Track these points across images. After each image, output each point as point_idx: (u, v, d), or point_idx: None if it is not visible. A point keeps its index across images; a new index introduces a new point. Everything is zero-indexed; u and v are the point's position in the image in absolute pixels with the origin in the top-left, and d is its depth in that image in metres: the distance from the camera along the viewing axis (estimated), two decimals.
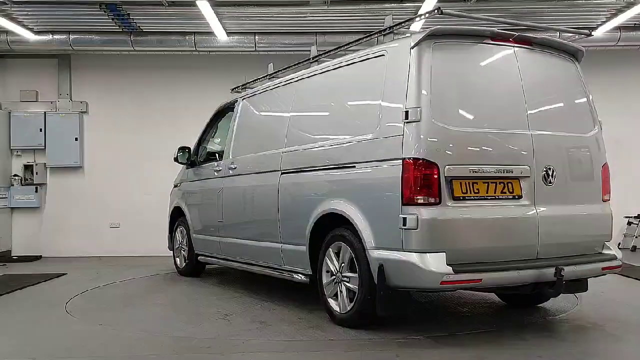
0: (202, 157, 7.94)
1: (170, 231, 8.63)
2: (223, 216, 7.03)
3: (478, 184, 4.58)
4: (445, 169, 4.43)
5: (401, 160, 4.46)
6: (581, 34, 5.92)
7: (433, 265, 4.27)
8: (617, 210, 5.42)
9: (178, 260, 8.46)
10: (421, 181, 4.38)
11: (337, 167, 5.16)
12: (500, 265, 4.52)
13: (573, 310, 5.66)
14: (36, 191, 10.94)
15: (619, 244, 9.71)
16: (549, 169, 4.81)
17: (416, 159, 4.40)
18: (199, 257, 7.82)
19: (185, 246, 8.17)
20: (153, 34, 9.95)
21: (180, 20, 9.36)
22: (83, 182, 11.07)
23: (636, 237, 10.11)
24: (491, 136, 4.69)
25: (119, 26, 9.67)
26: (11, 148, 11.02)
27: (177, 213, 8.37)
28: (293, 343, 4.69)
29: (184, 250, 8.26)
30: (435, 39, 4.63)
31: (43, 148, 10.98)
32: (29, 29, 9.65)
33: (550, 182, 4.81)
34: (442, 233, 4.40)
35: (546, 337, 4.73)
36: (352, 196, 4.93)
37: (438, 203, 4.39)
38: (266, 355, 4.43)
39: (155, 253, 9.90)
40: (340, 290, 5.08)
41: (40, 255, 10.80)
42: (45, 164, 11.02)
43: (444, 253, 4.31)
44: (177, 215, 8.38)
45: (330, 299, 5.21)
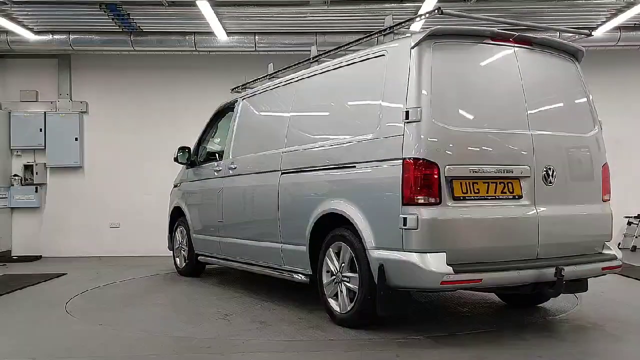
0: (202, 157, 7.93)
1: (170, 231, 8.63)
2: (223, 216, 7.03)
3: (478, 184, 4.58)
4: (445, 169, 4.43)
5: (401, 160, 4.46)
6: (581, 34, 5.92)
7: (433, 265, 4.27)
8: (617, 210, 5.42)
9: (178, 260, 8.45)
10: (421, 181, 4.37)
11: (337, 167, 5.16)
12: (501, 265, 4.52)
13: (573, 310, 5.66)
14: (36, 191, 10.94)
15: (619, 244, 9.71)
16: (549, 169, 4.81)
17: (416, 159, 4.40)
18: (199, 257, 7.82)
19: (185, 246, 8.17)
20: (153, 34, 9.95)
21: (180, 20, 9.36)
22: (83, 182, 11.07)
23: (636, 237, 10.11)
24: (491, 136, 4.69)
25: (119, 26, 9.67)
26: (11, 148, 11.02)
27: (177, 213, 8.37)
28: (293, 343, 4.68)
29: (183, 250, 8.26)
30: (436, 39, 4.63)
31: (43, 148, 10.98)
32: (29, 29, 9.64)
33: (550, 182, 4.81)
34: (443, 233, 4.40)
35: (546, 337, 4.73)
36: (353, 196, 4.93)
37: (438, 203, 4.39)
38: (266, 355, 4.42)
39: (155, 253, 9.90)
40: (341, 290, 5.08)
41: (40, 255, 10.79)
42: (45, 164, 11.02)
43: (444, 253, 4.31)
44: (177, 215, 8.38)
45: (330, 299, 5.21)
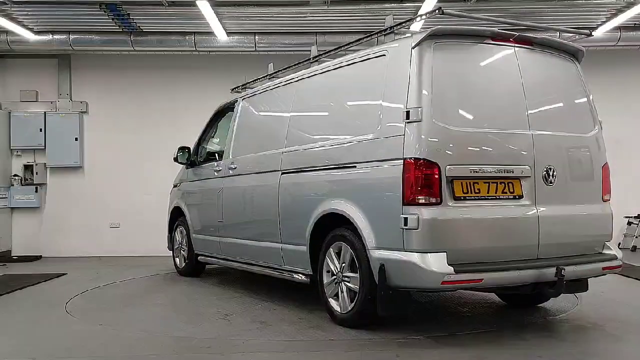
0: (202, 157, 7.93)
1: (170, 231, 8.62)
2: (223, 216, 7.02)
3: (479, 184, 4.58)
4: (446, 169, 4.43)
5: (402, 160, 4.46)
6: (581, 34, 5.92)
7: (434, 265, 4.27)
8: (617, 210, 5.41)
9: (178, 260, 8.45)
10: (422, 181, 4.37)
11: (338, 167, 5.16)
12: (501, 265, 4.52)
13: (573, 310, 5.66)
14: (36, 191, 10.94)
15: (619, 244, 9.70)
16: (550, 168, 4.81)
17: (417, 159, 4.39)
18: (199, 257, 7.81)
19: (185, 246, 8.16)
20: (153, 34, 9.95)
21: (180, 20, 9.36)
22: (83, 182, 11.07)
23: (636, 237, 10.10)
24: (492, 136, 4.69)
25: (119, 26, 9.66)
26: (11, 148, 11.02)
27: (177, 213, 8.36)
28: (293, 343, 4.68)
29: (183, 251, 8.25)
30: (436, 39, 4.63)
31: (43, 148, 10.98)
32: (29, 29, 9.64)
33: (550, 182, 4.81)
34: (443, 233, 4.40)
35: (546, 337, 4.73)
36: (353, 196, 4.93)
37: (439, 203, 4.39)
38: (266, 355, 4.42)
39: (155, 253, 9.90)
40: (341, 290, 5.08)
41: (40, 255, 10.79)
42: (45, 164, 11.02)
43: (445, 253, 4.31)
44: (177, 215, 8.37)
45: (330, 299, 5.20)
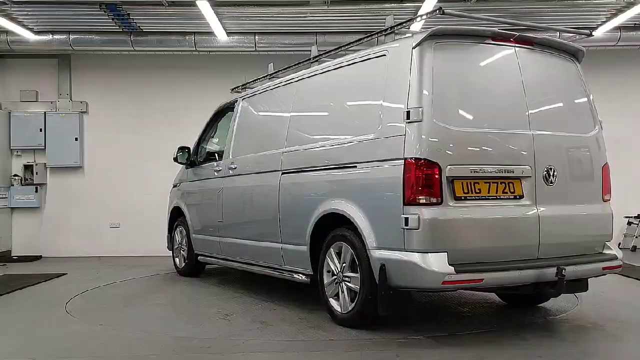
0: (202, 157, 7.92)
1: (170, 231, 8.62)
2: (223, 216, 7.02)
3: (479, 184, 4.58)
4: (446, 169, 4.43)
5: (403, 160, 4.46)
6: (581, 34, 5.92)
7: (435, 265, 4.27)
8: (617, 210, 5.41)
9: (177, 260, 8.44)
10: (423, 181, 4.37)
11: (338, 167, 5.15)
12: (502, 265, 4.52)
13: (573, 310, 5.66)
14: (36, 191, 10.94)
15: (619, 244, 9.71)
16: (550, 169, 4.81)
17: (418, 159, 4.39)
18: (199, 257, 7.81)
19: (185, 246, 8.16)
20: (153, 34, 9.95)
21: (180, 20, 9.36)
22: (83, 182, 11.07)
23: (636, 237, 10.10)
24: (492, 136, 4.69)
25: (119, 26, 9.66)
26: (11, 148, 11.02)
27: (177, 213, 8.36)
28: (294, 343, 4.68)
29: (183, 251, 8.25)
30: (437, 39, 4.63)
31: (43, 148, 10.98)
32: (29, 29, 9.64)
33: (551, 182, 4.81)
34: (444, 233, 4.40)
35: (546, 337, 4.73)
36: (353, 196, 4.93)
37: (440, 203, 4.39)
38: (266, 355, 4.42)
39: (155, 253, 9.90)
40: (342, 290, 5.07)
41: (40, 255, 10.79)
42: (45, 164, 11.02)
43: (446, 253, 4.31)
44: (177, 215, 8.37)
45: (331, 299, 5.20)
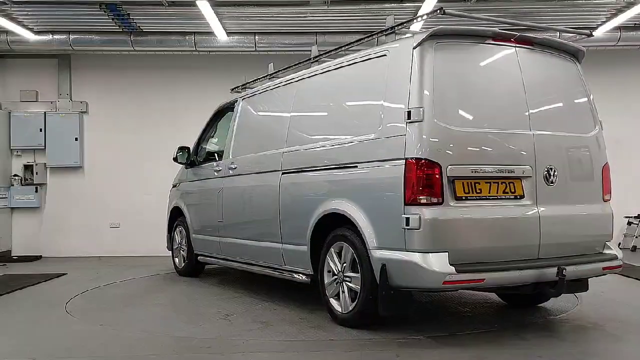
0: (202, 157, 7.92)
1: (169, 231, 8.61)
2: (223, 216, 7.02)
3: (480, 184, 4.58)
4: (447, 169, 4.43)
5: (404, 160, 4.45)
6: (582, 34, 5.92)
7: (436, 265, 4.26)
8: (617, 210, 5.40)
9: (177, 260, 8.44)
10: (424, 181, 4.37)
11: (339, 167, 5.15)
12: (502, 265, 4.52)
13: (573, 310, 5.65)
14: (36, 191, 10.95)
15: (619, 244, 9.72)
16: (551, 169, 4.81)
17: (419, 159, 4.39)
18: (199, 257, 7.81)
19: (185, 246, 8.15)
20: (153, 34, 9.96)
21: (180, 20, 9.37)
22: (83, 182, 11.07)
23: (636, 237, 10.13)
24: (493, 136, 4.69)
25: (119, 26, 9.67)
26: (11, 148, 11.03)
27: (176, 213, 8.35)
28: (294, 343, 4.67)
29: (183, 251, 8.24)
30: (438, 39, 4.62)
31: (43, 148, 10.98)
32: (29, 29, 9.65)
33: (551, 182, 4.81)
34: (445, 233, 4.39)
35: (546, 337, 4.72)
36: (354, 196, 4.92)
37: (440, 203, 4.38)
38: (266, 355, 4.41)
39: (155, 253, 9.90)
40: (342, 290, 5.07)
41: (40, 255, 10.79)
42: (45, 164, 11.02)
43: (447, 253, 4.30)
44: (176, 215, 8.36)
45: (331, 299, 5.20)
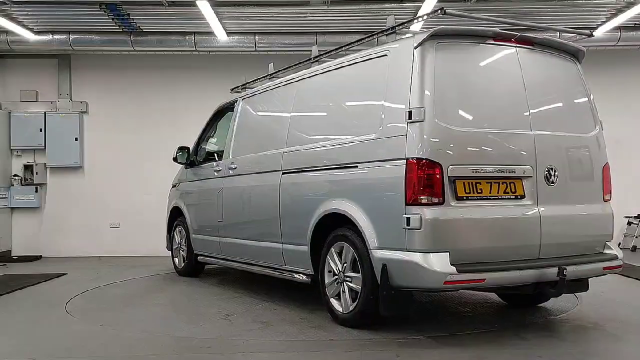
0: (202, 157, 7.92)
1: (169, 231, 8.61)
2: (223, 216, 7.01)
3: (481, 184, 4.57)
4: (448, 169, 4.42)
5: (404, 160, 4.45)
6: (582, 34, 5.92)
7: (436, 265, 4.26)
8: (617, 210, 5.40)
9: (177, 260, 8.43)
10: (425, 181, 4.36)
11: (339, 167, 5.15)
12: (503, 265, 4.52)
13: (573, 310, 5.65)
14: (36, 191, 10.94)
15: (619, 244, 9.72)
16: (551, 169, 4.81)
17: (419, 159, 4.39)
18: (199, 257, 7.80)
19: (184, 246, 8.15)
20: (153, 34, 9.96)
21: (180, 20, 9.37)
22: (83, 182, 11.07)
23: (636, 237, 10.14)
24: (494, 136, 4.69)
25: (119, 26, 9.67)
26: (11, 148, 11.03)
27: (176, 213, 8.35)
28: (294, 343, 4.67)
29: (182, 251, 8.24)
30: (438, 39, 4.62)
31: (43, 148, 10.98)
32: (29, 29, 9.64)
33: (552, 182, 4.81)
34: (446, 233, 4.39)
35: (547, 337, 4.72)
36: (355, 196, 4.92)
37: (441, 203, 4.38)
38: (266, 355, 4.41)
39: (155, 253, 9.90)
40: (343, 290, 5.06)
41: (40, 255, 10.79)
42: (45, 164, 11.02)
43: (448, 253, 4.30)
44: (176, 215, 8.36)
45: (332, 299, 5.20)
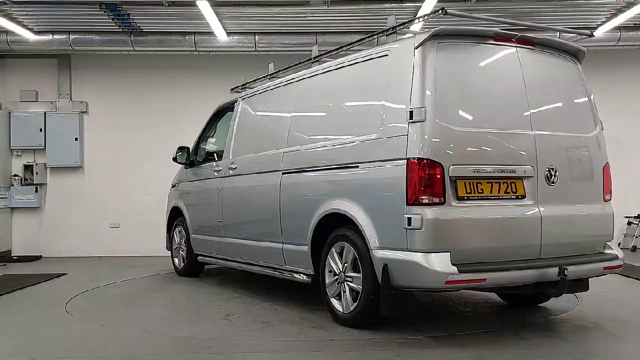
0: (201, 157, 7.91)
1: (168, 231, 8.60)
2: (223, 216, 7.01)
3: (482, 184, 4.57)
4: (449, 169, 4.42)
5: (405, 160, 4.45)
6: (582, 34, 5.93)
7: (438, 265, 4.26)
8: (617, 210, 5.40)
9: (176, 260, 8.43)
10: (426, 181, 4.36)
11: (340, 167, 5.14)
12: (504, 265, 4.52)
13: (574, 310, 5.65)
14: (36, 191, 10.94)
15: (619, 243, 9.72)
16: (552, 169, 4.81)
17: (421, 159, 4.39)
18: (198, 257, 7.80)
19: (184, 246, 8.15)
20: (153, 34, 9.96)
21: (180, 20, 9.37)
22: (83, 182, 11.07)
23: (636, 237, 10.14)
24: (494, 136, 4.69)
25: (119, 26, 9.67)
26: (11, 148, 11.03)
27: (176, 213, 8.35)
28: (294, 343, 4.67)
29: (182, 251, 8.23)
30: (439, 39, 4.62)
31: (43, 148, 10.98)
32: (29, 29, 9.64)
33: (552, 182, 4.81)
34: (447, 233, 4.39)
35: (547, 337, 4.72)
36: (356, 196, 4.92)
37: (442, 203, 4.38)
38: (266, 355, 4.41)
39: (155, 253, 9.89)
40: (343, 290, 5.06)
41: (40, 255, 10.79)
42: (45, 164, 11.02)
43: (449, 253, 4.30)
44: (176, 216, 8.36)
45: (333, 299, 5.19)
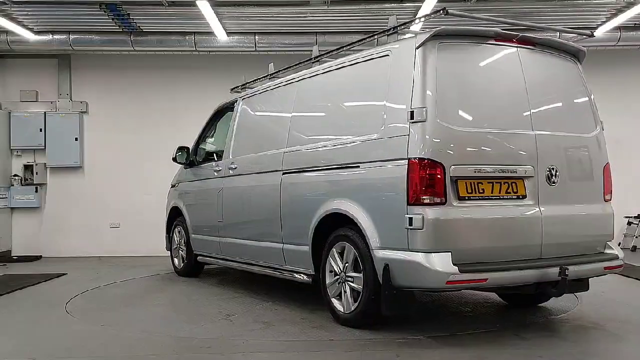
0: (201, 157, 7.90)
1: (168, 231, 8.60)
2: (223, 216, 7.01)
3: (483, 184, 4.58)
4: (450, 169, 4.43)
5: (406, 160, 4.45)
6: (582, 34, 5.93)
7: (439, 265, 4.26)
8: (617, 210, 5.41)
9: (176, 260, 8.42)
10: (427, 181, 4.36)
11: (341, 167, 5.14)
12: (505, 265, 4.52)
13: (574, 310, 5.66)
14: (36, 191, 10.94)
15: (619, 243, 9.72)
16: (552, 169, 4.81)
17: (422, 159, 4.39)
18: (198, 257, 7.79)
19: (184, 246, 8.14)
20: (153, 34, 9.96)
21: (180, 20, 9.37)
22: (83, 182, 11.07)
23: (636, 237, 10.14)
24: (495, 136, 4.69)
25: (119, 26, 9.67)
26: (11, 148, 11.02)
27: (175, 213, 8.34)
28: (294, 343, 4.67)
29: (182, 251, 8.23)
30: (440, 39, 4.62)
31: (43, 148, 10.98)
32: (29, 29, 9.64)
33: (553, 182, 4.81)
34: (448, 233, 4.39)
35: (547, 337, 4.72)
36: (356, 196, 4.92)
37: (443, 203, 4.38)
38: (266, 355, 4.41)
39: (155, 253, 9.89)
40: (344, 290, 5.06)
41: (40, 255, 10.78)
42: (45, 164, 11.02)
43: (450, 253, 4.30)
44: (175, 216, 8.35)
45: (333, 299, 5.19)
